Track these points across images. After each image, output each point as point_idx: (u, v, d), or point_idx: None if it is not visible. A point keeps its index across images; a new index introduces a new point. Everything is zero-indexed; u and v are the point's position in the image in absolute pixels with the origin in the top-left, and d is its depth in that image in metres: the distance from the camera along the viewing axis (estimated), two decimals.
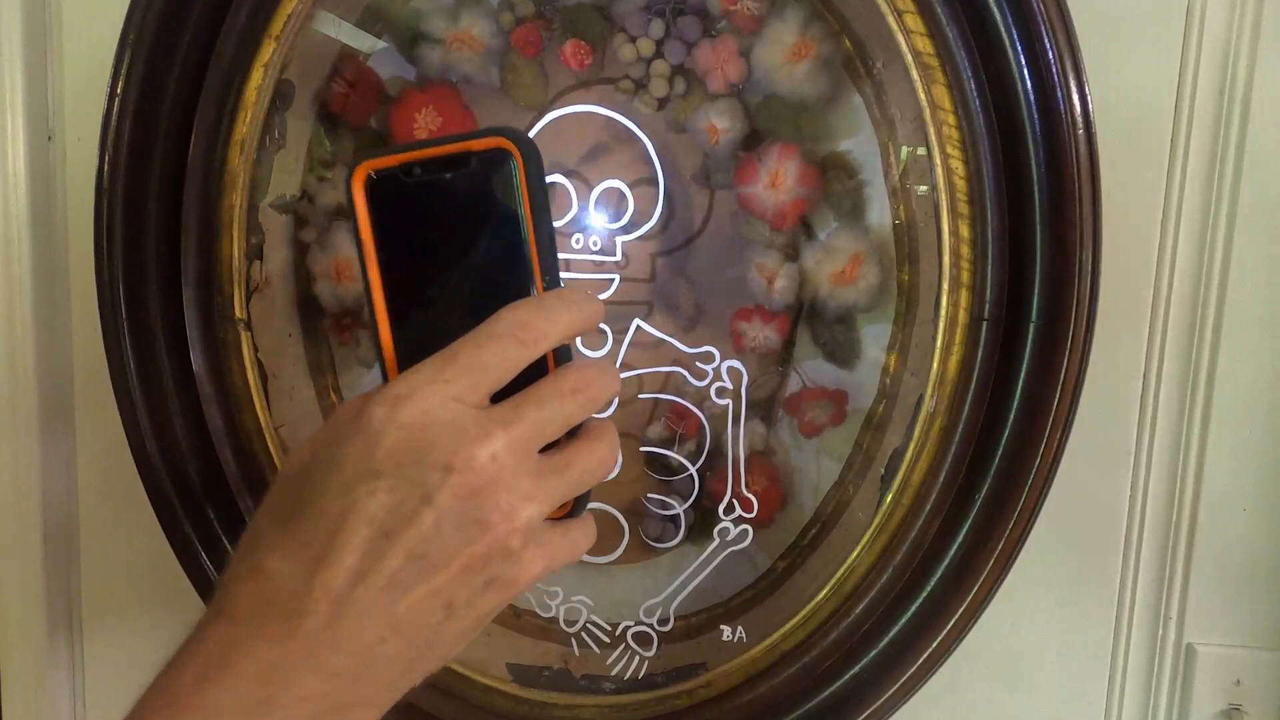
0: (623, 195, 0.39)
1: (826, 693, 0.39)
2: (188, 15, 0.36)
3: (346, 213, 0.29)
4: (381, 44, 0.41)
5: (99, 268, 0.37)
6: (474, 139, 0.25)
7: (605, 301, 0.40)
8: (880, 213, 0.41)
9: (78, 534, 0.50)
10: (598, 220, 0.38)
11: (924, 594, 0.39)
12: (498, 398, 0.23)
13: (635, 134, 0.40)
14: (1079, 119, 0.35)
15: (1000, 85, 0.35)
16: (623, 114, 0.40)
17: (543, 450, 0.23)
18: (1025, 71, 0.35)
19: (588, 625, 0.43)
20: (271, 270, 0.42)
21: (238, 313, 0.39)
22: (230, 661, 0.20)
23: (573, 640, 0.43)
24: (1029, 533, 0.38)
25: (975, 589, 0.39)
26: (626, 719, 0.41)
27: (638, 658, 0.42)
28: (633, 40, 0.39)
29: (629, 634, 0.42)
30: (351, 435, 0.21)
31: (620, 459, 0.41)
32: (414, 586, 0.20)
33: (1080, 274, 0.36)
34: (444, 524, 0.20)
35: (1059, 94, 0.35)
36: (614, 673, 0.42)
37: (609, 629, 0.42)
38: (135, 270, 0.37)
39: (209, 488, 0.40)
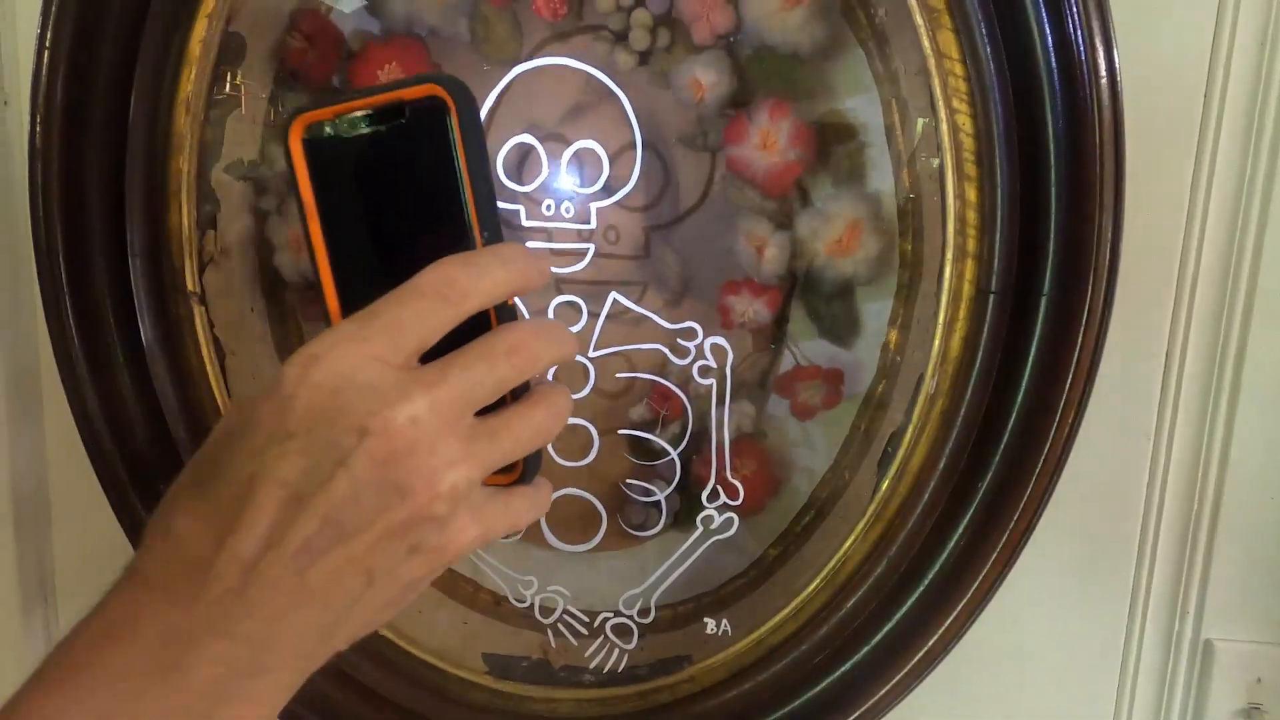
0: (597, 157, 0.36)
1: (815, 690, 0.37)
2: None
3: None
4: None
5: (35, 235, 0.34)
6: (406, 87, 0.23)
7: (581, 274, 0.38)
8: (882, 178, 0.38)
9: (49, 512, 0.49)
10: (568, 183, 0.35)
11: (922, 586, 0.36)
12: (431, 358, 0.21)
13: (613, 90, 0.36)
14: (1103, 69, 0.32)
15: (1014, 31, 0.32)
16: (601, 69, 0.37)
17: (482, 413, 0.21)
18: (1043, 14, 0.31)
19: (564, 616, 0.40)
20: (229, 241, 0.39)
21: (190, 285, 0.37)
22: (135, 623, 0.19)
23: (549, 631, 0.41)
24: (1037, 521, 0.35)
25: (977, 582, 0.36)
26: (606, 713, 0.39)
27: (617, 650, 0.40)
28: None
29: (608, 625, 0.40)
30: (266, 397, 0.20)
31: (596, 444, 0.38)
32: (327, 553, 0.19)
33: (1099, 242, 0.32)
34: (360, 489, 0.19)
35: (1080, 39, 0.31)
36: (593, 665, 0.40)
37: (587, 620, 0.40)
38: (76, 239, 0.35)
39: (164, 468, 0.38)
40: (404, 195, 0.24)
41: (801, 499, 0.41)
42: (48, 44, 0.33)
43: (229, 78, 0.37)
